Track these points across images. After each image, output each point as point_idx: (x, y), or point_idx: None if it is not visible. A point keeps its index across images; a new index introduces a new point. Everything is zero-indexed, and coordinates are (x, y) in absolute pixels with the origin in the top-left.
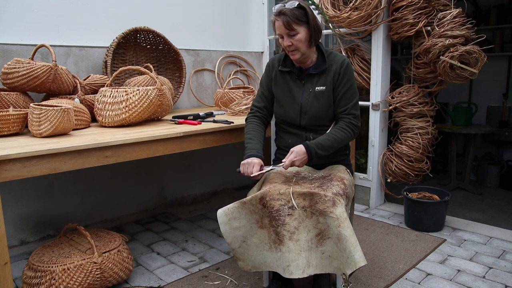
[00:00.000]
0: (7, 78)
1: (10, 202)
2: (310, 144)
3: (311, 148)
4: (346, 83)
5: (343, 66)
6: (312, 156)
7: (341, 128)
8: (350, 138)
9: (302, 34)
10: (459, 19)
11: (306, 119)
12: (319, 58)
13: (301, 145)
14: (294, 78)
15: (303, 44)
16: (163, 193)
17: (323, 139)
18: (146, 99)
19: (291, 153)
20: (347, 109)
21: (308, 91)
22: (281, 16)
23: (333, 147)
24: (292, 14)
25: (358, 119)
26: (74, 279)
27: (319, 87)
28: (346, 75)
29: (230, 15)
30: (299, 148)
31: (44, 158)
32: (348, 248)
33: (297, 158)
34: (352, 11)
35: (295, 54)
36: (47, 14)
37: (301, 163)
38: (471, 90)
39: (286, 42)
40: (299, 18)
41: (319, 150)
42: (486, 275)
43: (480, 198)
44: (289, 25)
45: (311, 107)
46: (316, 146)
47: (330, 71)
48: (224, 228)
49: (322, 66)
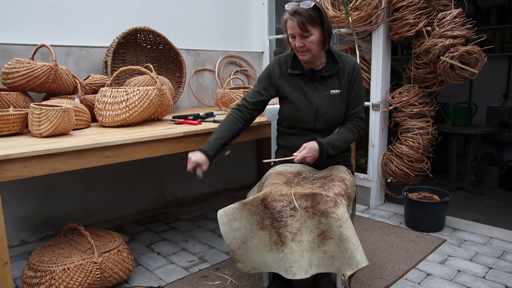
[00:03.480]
0: (7, 78)
1: (10, 202)
2: (323, 142)
3: (324, 146)
4: (357, 87)
5: (355, 69)
6: (323, 155)
7: (351, 130)
8: (356, 139)
9: (315, 36)
10: (459, 19)
11: (321, 123)
12: (329, 59)
13: (314, 142)
14: (306, 80)
15: (316, 46)
16: (163, 193)
17: (334, 139)
18: (146, 99)
19: (303, 148)
20: (356, 112)
21: (323, 94)
22: (296, 16)
23: (341, 147)
24: (308, 15)
25: (363, 121)
26: (74, 279)
27: (334, 91)
28: (358, 79)
29: (231, 15)
30: (312, 145)
31: (44, 158)
32: (350, 249)
33: (309, 154)
34: (352, 11)
35: (305, 55)
36: (47, 14)
37: (312, 159)
38: (471, 91)
39: (298, 43)
40: (314, 19)
41: (330, 149)
42: (486, 275)
43: (480, 198)
44: (304, 26)
45: (327, 110)
46: (329, 145)
47: (344, 74)
48: (224, 229)
49: (335, 68)
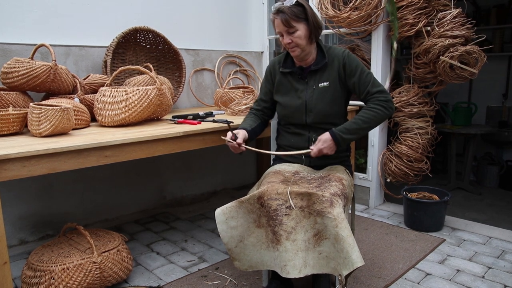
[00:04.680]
0: (7, 77)
1: (10, 202)
2: (334, 130)
3: (336, 133)
4: (356, 69)
5: (345, 56)
6: (339, 141)
7: (369, 108)
8: (384, 114)
9: (301, 30)
10: (459, 19)
11: (312, 117)
12: (319, 54)
13: (326, 133)
14: (296, 78)
15: (303, 40)
16: (163, 193)
17: (348, 123)
18: (146, 98)
19: (318, 141)
20: (369, 91)
21: (312, 88)
22: (279, 14)
23: (362, 128)
24: (291, 12)
25: (385, 92)
26: (74, 278)
27: (322, 83)
28: (352, 63)
29: (230, 15)
30: (326, 136)
31: (44, 157)
32: (346, 249)
33: (324, 146)
34: (352, 11)
35: (295, 51)
36: (47, 13)
37: (330, 149)
38: (471, 90)
39: (286, 40)
40: (297, 15)
41: (344, 135)
42: (485, 275)
43: (480, 198)
44: (287, 23)
45: (316, 104)
46: (340, 131)
47: (332, 66)
48: (221, 227)
49: (322, 61)
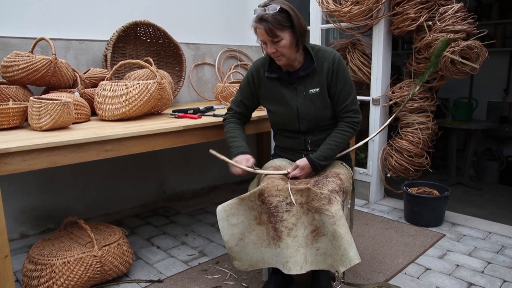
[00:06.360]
0: (7, 71)
1: (11, 196)
2: (313, 158)
3: (315, 162)
4: (341, 79)
5: (335, 62)
6: (317, 168)
7: (342, 131)
8: (352, 136)
9: (286, 39)
10: (460, 14)
11: (305, 124)
12: (307, 58)
13: (305, 160)
14: (284, 83)
15: (288, 49)
16: (163, 187)
17: (324, 150)
18: (146, 93)
19: (296, 168)
20: (347, 106)
21: (302, 94)
22: (262, 23)
23: (336, 153)
24: (275, 20)
25: (358, 113)
26: (74, 272)
27: (312, 90)
28: (340, 71)
29: (230, 9)
30: (304, 163)
31: (44, 151)
32: (343, 246)
33: (302, 173)
34: (353, 5)
35: (280, 60)
36: (46, 7)
37: (306, 176)
38: (472, 86)
39: (271, 49)
40: (282, 23)
41: (322, 162)
42: (485, 270)
43: (480, 193)
44: (272, 32)
45: (309, 111)
46: (318, 159)
47: (322, 71)
48: (222, 224)
49: (311, 66)
